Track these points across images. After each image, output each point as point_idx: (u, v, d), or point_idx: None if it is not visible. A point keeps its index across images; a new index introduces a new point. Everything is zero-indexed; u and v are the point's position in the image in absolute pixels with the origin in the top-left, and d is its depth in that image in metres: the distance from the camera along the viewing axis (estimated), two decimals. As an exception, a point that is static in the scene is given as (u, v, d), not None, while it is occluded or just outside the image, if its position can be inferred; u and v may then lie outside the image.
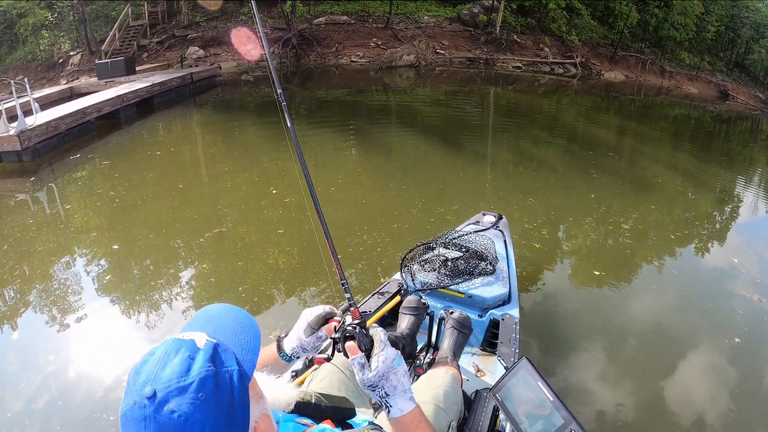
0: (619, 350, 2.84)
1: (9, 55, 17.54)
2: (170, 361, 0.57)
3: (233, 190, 5.37)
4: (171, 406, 0.55)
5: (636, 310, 3.29)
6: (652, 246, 4.42)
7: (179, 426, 0.54)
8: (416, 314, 1.85)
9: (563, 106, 13.32)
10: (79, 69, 15.61)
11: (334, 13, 16.21)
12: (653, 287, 3.69)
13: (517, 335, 1.93)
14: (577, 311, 3.21)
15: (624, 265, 3.99)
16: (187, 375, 0.56)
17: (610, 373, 2.61)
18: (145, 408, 0.55)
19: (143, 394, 0.55)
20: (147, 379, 0.57)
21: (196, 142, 7.88)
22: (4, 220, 4.66)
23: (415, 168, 6.21)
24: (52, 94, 11.22)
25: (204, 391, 0.56)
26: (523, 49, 17.09)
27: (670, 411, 2.42)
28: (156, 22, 16.20)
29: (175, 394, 0.55)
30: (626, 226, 4.71)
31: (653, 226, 4.88)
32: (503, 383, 1.20)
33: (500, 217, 2.89)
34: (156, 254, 3.87)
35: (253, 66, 14.95)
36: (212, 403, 0.56)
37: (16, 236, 4.23)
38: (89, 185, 5.79)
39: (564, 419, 1.07)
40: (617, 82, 18.68)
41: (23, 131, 6.36)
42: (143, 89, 9.88)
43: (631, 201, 5.46)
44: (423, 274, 2.15)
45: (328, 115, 9.52)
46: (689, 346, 2.98)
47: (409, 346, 1.77)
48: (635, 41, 21.09)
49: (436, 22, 16.41)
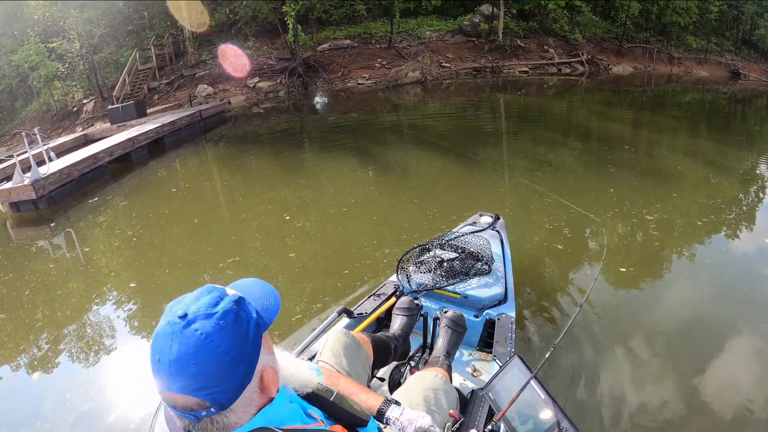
0: (655, 347, 2.76)
1: (25, 107, 17.93)
2: (203, 297, 0.69)
3: (247, 221, 5.42)
4: (196, 325, 0.65)
5: (667, 303, 3.20)
6: (679, 236, 4.28)
7: (199, 342, 0.64)
8: (409, 315, 1.87)
9: (575, 105, 13.11)
10: (93, 116, 15.88)
11: (337, 38, 16.25)
12: (682, 278, 3.57)
13: (512, 335, 1.93)
14: (611, 310, 3.14)
15: (651, 258, 3.87)
16: (215, 307, 0.68)
17: (614, 376, 2.54)
18: (174, 325, 0.66)
19: (176, 314, 0.67)
20: (182, 306, 0.68)
21: (209, 177, 7.91)
22: (26, 266, 4.80)
23: (434, 183, 6.12)
24: (68, 142, 11.40)
25: (225, 320, 0.67)
26: (528, 53, 16.92)
27: (703, 406, 2.35)
28: (164, 63, 16.42)
29: (201, 317, 0.66)
30: (650, 217, 4.56)
31: (678, 215, 4.74)
32: (496, 382, 1.21)
33: (497, 218, 2.90)
34: (173, 288, 3.95)
35: (262, 98, 15.04)
36: (230, 331, 0.67)
37: (37, 281, 4.35)
38: (105, 226, 5.87)
39: (556, 417, 1.07)
40: (626, 75, 18.37)
41: (37, 180, 6.50)
42: (153, 130, 9.99)
43: (652, 192, 5.31)
44: (419, 275, 2.15)
45: (341, 139, 9.48)
46: (726, 336, 2.86)
47: (401, 346, 1.79)
48: (639, 31, 20.75)
49: (438, 36, 16.34)
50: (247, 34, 16.20)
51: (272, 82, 15.22)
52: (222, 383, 0.66)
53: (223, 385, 0.66)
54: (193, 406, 0.66)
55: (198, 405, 0.66)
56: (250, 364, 0.69)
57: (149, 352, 0.68)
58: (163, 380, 0.66)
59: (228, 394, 0.67)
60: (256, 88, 15.15)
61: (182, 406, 0.66)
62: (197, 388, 0.65)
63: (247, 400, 0.70)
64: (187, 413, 0.67)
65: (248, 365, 0.69)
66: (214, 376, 0.65)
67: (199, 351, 0.64)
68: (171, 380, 0.65)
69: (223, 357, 0.65)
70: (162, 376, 0.66)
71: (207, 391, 0.65)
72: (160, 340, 0.67)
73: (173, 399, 0.67)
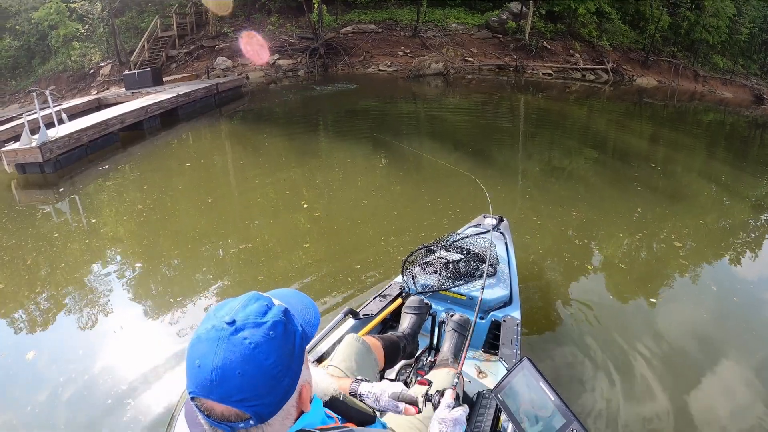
0: (644, 355, 2.72)
1: (42, 66, 17.68)
2: (250, 305, 0.66)
3: (263, 205, 5.18)
4: (245, 333, 0.62)
5: (671, 321, 3.15)
6: (685, 256, 4.18)
7: (247, 351, 0.61)
8: (419, 313, 1.86)
9: (594, 113, 12.76)
10: (109, 79, 15.62)
11: (362, 21, 15.88)
12: (682, 297, 3.51)
13: (518, 336, 1.92)
14: (616, 319, 3.10)
15: (653, 274, 3.83)
16: (264, 316, 0.64)
17: (622, 378, 2.53)
18: (222, 331, 0.62)
19: (223, 320, 0.63)
20: (228, 312, 0.64)
21: (223, 154, 7.68)
22: (29, 233, 4.64)
23: (446, 177, 5.93)
24: (80, 104, 11.17)
25: (275, 331, 0.64)
26: (553, 56, 16.52)
27: (686, 419, 2.33)
28: (184, 33, 16.12)
29: (251, 326, 0.63)
30: (661, 235, 4.48)
31: (687, 234, 4.64)
32: (505, 383, 1.20)
33: (501, 220, 2.88)
34: (181, 273, 3.77)
35: (281, 75, 14.73)
36: (279, 342, 0.64)
37: (39, 250, 4.18)
38: (113, 197, 5.67)
39: (566, 419, 1.06)
40: (649, 88, 17.94)
41: (45, 143, 6.30)
42: (167, 100, 9.73)
43: (665, 211, 5.18)
44: (424, 276, 2.15)
45: (357, 124, 9.24)
46: (715, 355, 2.83)
47: (410, 345, 1.78)
48: (667, 45, 20.29)
49: (464, 30, 15.95)
50: (271, 10, 15.87)
51: (292, 61, 14.89)
52: (266, 396, 0.63)
53: (268, 398, 0.63)
54: (232, 416, 0.62)
55: (237, 416, 0.62)
56: (294, 378, 0.66)
57: (187, 354, 0.64)
58: (202, 387, 0.62)
59: (270, 408, 0.64)
60: (276, 65, 14.83)
61: (219, 415, 0.62)
62: (239, 399, 0.61)
63: (285, 413, 0.67)
64: (222, 423, 0.63)
65: (292, 379, 0.66)
66: (258, 389, 0.62)
67: (246, 361, 0.61)
68: (212, 388, 0.61)
69: (270, 369, 0.63)
70: (201, 383, 0.61)
71: (249, 403, 0.62)
72: (202, 345, 0.63)
73: (210, 407, 0.62)
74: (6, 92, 17.63)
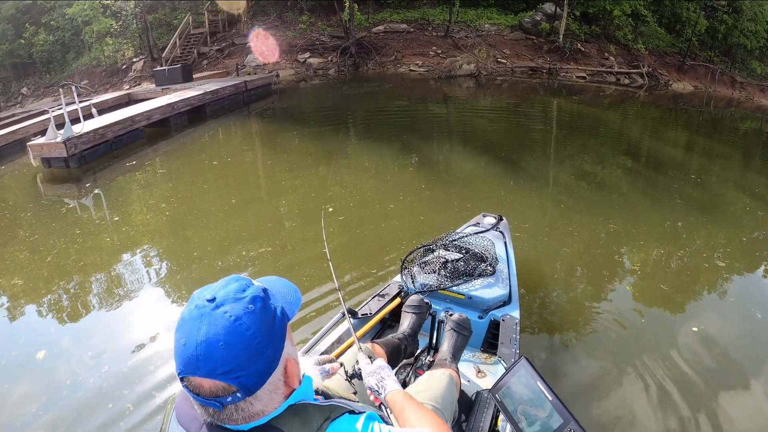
0: (671, 370, 2.60)
1: (76, 60, 17.83)
2: (230, 284, 0.68)
3: (287, 207, 5.04)
4: (225, 308, 0.64)
5: (691, 332, 2.98)
6: (714, 268, 3.96)
7: (228, 324, 0.63)
8: (419, 313, 1.84)
9: (629, 118, 12.28)
10: (141, 75, 15.65)
11: (393, 21, 15.60)
12: (705, 309, 3.31)
13: (517, 336, 1.90)
14: (633, 326, 2.99)
15: (675, 284, 3.65)
16: (243, 293, 0.67)
17: (617, 377, 2.51)
18: (203, 308, 0.65)
19: (204, 298, 0.66)
20: (208, 291, 0.67)
21: (249, 153, 7.54)
22: (52, 227, 4.63)
23: (475, 180, 5.87)
24: (110, 99, 11.20)
25: (254, 305, 0.66)
26: (588, 58, 16.01)
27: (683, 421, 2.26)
28: (216, 30, 16.06)
29: (231, 301, 0.65)
30: (687, 247, 4.26)
31: (719, 247, 4.37)
32: (503, 383, 1.18)
33: (500, 219, 2.84)
34: (198, 273, 3.67)
35: (311, 74, 14.55)
36: (259, 315, 0.66)
37: (60, 248, 4.15)
38: (136, 194, 5.62)
39: (563, 419, 1.04)
40: (685, 93, 17.28)
41: (69, 138, 6.32)
42: (195, 97, 9.65)
43: (697, 222, 4.93)
44: (423, 275, 2.12)
45: (388, 125, 9.00)
46: (738, 375, 2.61)
47: (411, 345, 1.76)
48: (703, 49, 19.56)
49: (497, 31, 15.55)
50: (303, 8, 15.70)
51: (323, 60, 14.70)
52: (250, 366, 0.64)
53: (251, 368, 0.64)
54: (219, 391, 0.64)
55: (224, 390, 0.64)
56: (276, 350, 0.68)
57: (174, 338, 0.66)
58: (188, 364, 0.63)
59: (255, 378, 0.65)
60: (306, 63, 14.65)
61: (208, 391, 0.64)
62: (225, 372, 0.63)
63: (272, 387, 0.68)
64: (212, 400, 0.64)
65: (275, 351, 0.68)
66: (242, 359, 0.63)
67: (228, 333, 0.63)
68: (198, 363, 0.62)
69: (251, 339, 0.64)
70: (188, 360, 0.63)
71: (234, 375, 0.63)
72: (186, 324, 0.65)
73: (199, 384, 0.64)
74: (41, 85, 17.84)
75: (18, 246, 4.23)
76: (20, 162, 7.21)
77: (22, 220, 4.94)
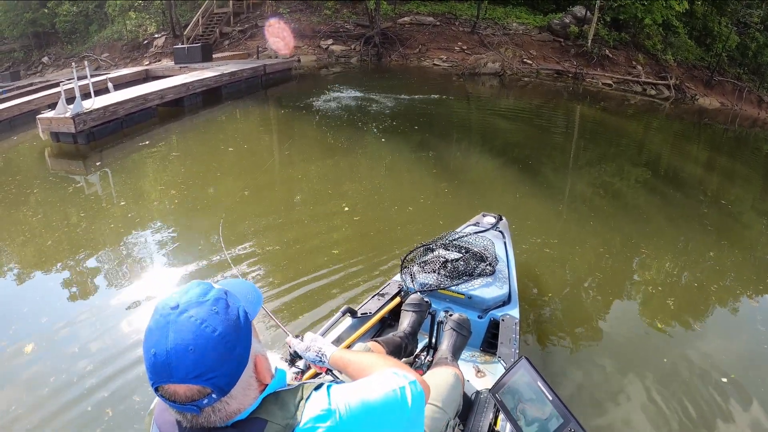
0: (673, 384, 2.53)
1: (98, 33, 17.59)
2: (191, 290, 0.69)
3: (301, 203, 4.75)
4: (190, 313, 0.65)
5: (698, 348, 2.88)
6: (724, 287, 3.82)
7: (195, 328, 0.64)
8: (418, 311, 1.82)
9: (652, 131, 11.84)
10: (162, 51, 15.37)
11: (420, 13, 15.16)
12: (714, 330, 3.18)
13: (517, 336, 1.89)
14: (635, 337, 2.95)
15: (684, 301, 3.53)
16: (205, 296, 0.67)
17: (617, 379, 2.50)
18: (168, 316, 0.65)
19: (168, 306, 0.66)
20: (170, 300, 0.67)
21: (263, 140, 7.24)
22: (58, 207, 4.49)
23: (493, 181, 5.78)
24: (128, 75, 10.92)
25: (217, 306, 0.67)
26: (615, 66, 15.48)
27: None
28: (240, 10, 15.72)
29: (194, 306, 0.66)
30: (704, 264, 4.11)
31: (729, 267, 4.20)
32: (503, 383, 1.17)
33: (500, 218, 2.81)
34: (203, 266, 3.44)
35: (333, 61, 14.17)
36: (223, 316, 0.66)
37: (63, 230, 3.99)
38: (144, 176, 5.38)
39: (564, 419, 1.03)
40: (711, 109, 16.73)
41: (78, 114, 6.12)
42: (211, 78, 9.33)
43: (711, 242, 4.69)
44: (423, 275, 2.10)
45: (409, 121, 8.61)
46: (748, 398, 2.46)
47: (411, 343, 1.74)
48: (732, 66, 18.94)
49: (524, 30, 15.06)
50: (329, -5, 15.31)
51: (346, 47, 14.31)
52: (221, 367, 0.64)
53: (222, 368, 0.65)
54: (195, 395, 0.64)
55: (199, 393, 0.64)
56: (244, 348, 0.68)
57: (143, 351, 0.65)
58: (161, 373, 0.63)
59: (227, 378, 0.66)
60: (329, 50, 14.27)
61: (183, 396, 0.64)
62: (197, 375, 0.63)
63: (245, 384, 0.69)
64: (188, 405, 0.65)
65: (243, 348, 0.68)
66: (212, 360, 0.64)
67: (196, 336, 0.63)
68: (170, 370, 0.63)
69: (219, 340, 0.65)
70: (160, 369, 0.63)
71: (207, 377, 0.63)
72: (154, 334, 0.65)
73: (173, 391, 0.64)
74: (62, 56, 17.62)
75: (16, 224, 4.04)
76: (32, 133, 7.05)
77: (27, 195, 4.78)
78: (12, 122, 7.78)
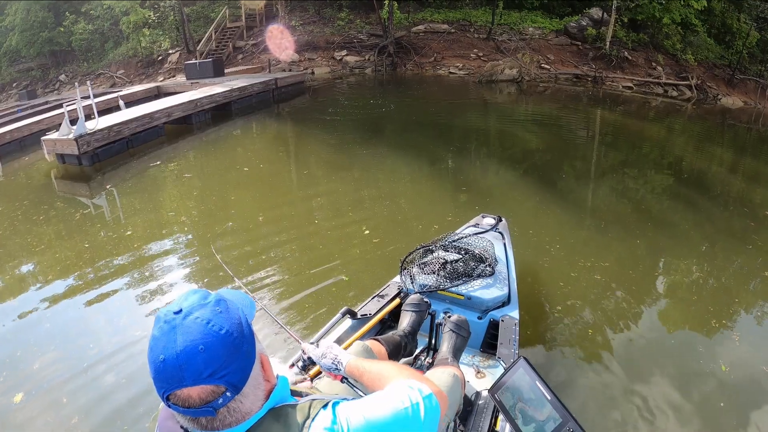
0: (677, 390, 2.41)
1: (113, 50, 17.44)
2: (191, 295, 0.68)
3: (318, 227, 4.41)
4: (195, 314, 0.64)
5: (689, 352, 2.76)
6: (744, 295, 3.57)
7: (202, 327, 0.63)
8: (418, 311, 1.80)
9: (675, 133, 11.28)
10: (176, 67, 15.14)
11: (434, 21, 14.69)
12: (727, 336, 2.98)
13: (516, 336, 1.88)
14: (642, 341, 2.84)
15: (691, 306, 3.37)
16: (206, 299, 0.67)
17: (617, 380, 2.42)
18: (173, 321, 0.63)
19: (171, 311, 0.65)
20: (172, 305, 0.66)
21: (274, 159, 6.84)
22: (61, 234, 4.27)
23: (511, 191, 5.60)
24: (139, 91, 10.65)
25: (221, 307, 0.67)
26: (634, 68, 14.87)
27: None
28: (253, 24, 15.42)
29: (198, 308, 0.65)
30: (721, 273, 3.87)
31: (756, 274, 3.91)
32: (501, 383, 1.17)
33: (500, 219, 2.77)
34: None
35: (347, 72, 13.78)
36: (227, 315, 0.66)
37: (68, 259, 3.80)
38: (144, 199, 5.14)
39: (562, 418, 1.03)
40: (734, 109, 16.02)
41: (82, 135, 5.88)
42: (220, 94, 8.96)
43: (734, 248, 4.42)
44: (422, 276, 2.07)
45: (427, 133, 8.22)
46: None
47: (410, 343, 1.73)
48: (753, 63, 18.16)
49: (541, 35, 14.51)
50: (342, 5, 14.91)
51: (360, 58, 13.91)
52: (232, 363, 0.64)
53: (233, 365, 0.64)
54: (209, 396, 0.63)
55: (213, 393, 0.63)
56: (250, 345, 0.68)
57: (149, 360, 0.63)
58: (172, 379, 0.62)
59: (240, 374, 0.65)
60: (343, 61, 13.89)
61: (197, 399, 0.62)
62: (210, 374, 0.62)
63: (255, 382, 0.68)
64: (203, 407, 0.63)
65: (249, 346, 0.68)
66: (223, 358, 0.63)
67: (204, 335, 0.62)
68: (182, 373, 0.61)
69: (227, 337, 0.64)
70: (170, 374, 0.62)
71: (220, 374, 0.62)
72: (160, 341, 0.63)
73: (187, 395, 0.62)
74: (78, 73, 17.49)
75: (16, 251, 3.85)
76: (42, 153, 6.82)
77: (33, 223, 4.55)
78: (22, 143, 7.60)
